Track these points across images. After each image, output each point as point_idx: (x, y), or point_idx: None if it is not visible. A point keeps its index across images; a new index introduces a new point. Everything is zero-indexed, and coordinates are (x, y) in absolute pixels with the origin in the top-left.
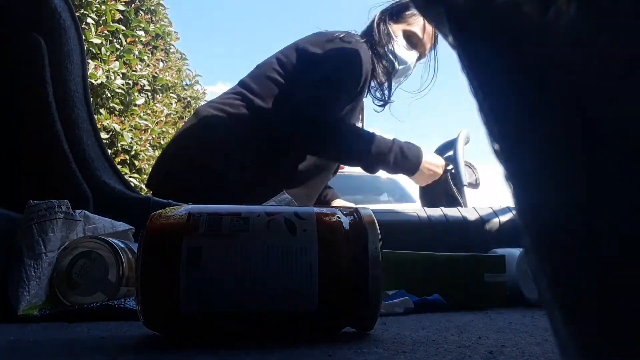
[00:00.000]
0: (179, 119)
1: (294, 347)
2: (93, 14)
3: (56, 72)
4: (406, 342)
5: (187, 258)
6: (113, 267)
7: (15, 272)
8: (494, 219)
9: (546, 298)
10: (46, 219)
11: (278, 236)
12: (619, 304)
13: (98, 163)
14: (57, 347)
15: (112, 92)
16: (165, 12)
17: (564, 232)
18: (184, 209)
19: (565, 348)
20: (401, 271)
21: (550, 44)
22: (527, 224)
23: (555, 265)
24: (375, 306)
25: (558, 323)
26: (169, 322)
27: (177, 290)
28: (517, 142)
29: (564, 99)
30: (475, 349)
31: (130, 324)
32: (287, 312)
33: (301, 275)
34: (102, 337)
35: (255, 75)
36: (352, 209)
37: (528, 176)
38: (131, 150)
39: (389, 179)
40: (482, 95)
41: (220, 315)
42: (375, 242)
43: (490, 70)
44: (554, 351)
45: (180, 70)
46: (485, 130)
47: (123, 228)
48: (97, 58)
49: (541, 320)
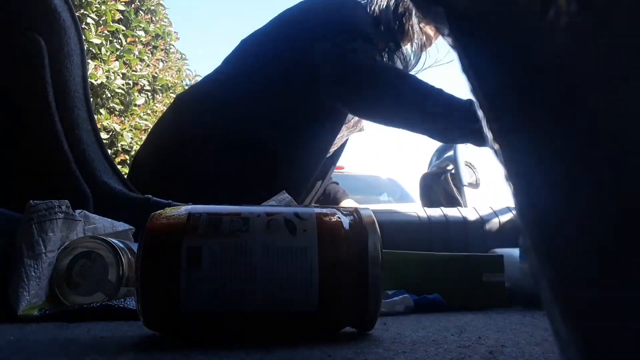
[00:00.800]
0: None
1: (294, 347)
2: (93, 14)
3: (56, 72)
4: (406, 342)
5: (187, 258)
6: (113, 267)
7: (15, 272)
8: (494, 219)
9: (546, 298)
10: (46, 219)
11: (278, 236)
12: (619, 304)
13: (98, 163)
14: (57, 347)
15: (112, 92)
16: (165, 12)
17: (564, 232)
18: (184, 209)
19: (565, 348)
20: (400, 271)
21: (550, 44)
22: (527, 224)
23: (555, 265)
24: (375, 306)
25: (558, 323)
26: (169, 322)
27: (177, 290)
28: (516, 142)
29: (564, 98)
30: (475, 349)
31: (130, 324)
32: (287, 312)
33: (301, 275)
34: (102, 337)
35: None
36: (352, 209)
37: (528, 176)
38: (131, 151)
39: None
40: (481, 96)
41: (220, 315)
42: (375, 242)
43: (490, 71)
44: (554, 351)
45: (180, 70)
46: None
47: (123, 228)
48: (97, 58)
49: (541, 320)
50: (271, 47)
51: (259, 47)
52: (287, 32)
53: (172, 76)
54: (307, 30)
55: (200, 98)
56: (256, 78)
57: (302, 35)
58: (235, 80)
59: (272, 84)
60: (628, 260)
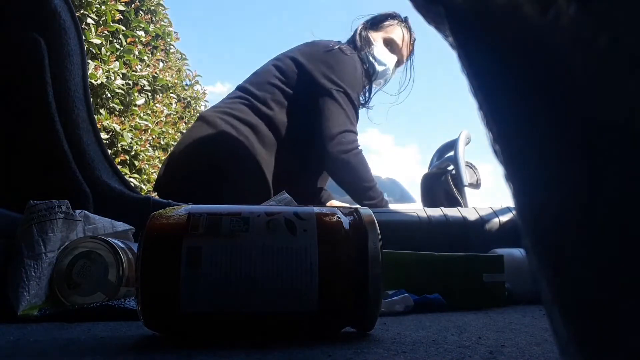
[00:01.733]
0: (179, 119)
1: (294, 347)
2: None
3: (56, 73)
4: (406, 342)
5: (187, 258)
6: (113, 267)
7: (15, 272)
8: (494, 219)
9: (546, 298)
10: (46, 219)
11: (278, 236)
12: (619, 304)
13: (98, 163)
14: (57, 347)
15: (112, 93)
16: (165, 13)
17: (563, 232)
18: (184, 209)
19: (565, 348)
20: (400, 271)
21: (550, 44)
22: (527, 224)
23: (555, 265)
24: (375, 306)
25: (558, 323)
26: (169, 322)
27: (177, 290)
28: (516, 142)
29: (564, 98)
30: (475, 349)
31: (130, 324)
32: (287, 312)
33: (301, 275)
34: (102, 337)
35: (255, 82)
36: (352, 209)
37: (528, 176)
38: (131, 151)
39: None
40: (481, 96)
41: (220, 315)
42: (375, 242)
43: (490, 71)
44: (554, 351)
45: (180, 70)
46: (485, 131)
47: (123, 228)
48: (97, 58)
49: (541, 320)
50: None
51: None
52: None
53: (172, 76)
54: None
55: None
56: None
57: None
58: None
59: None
60: (627, 260)
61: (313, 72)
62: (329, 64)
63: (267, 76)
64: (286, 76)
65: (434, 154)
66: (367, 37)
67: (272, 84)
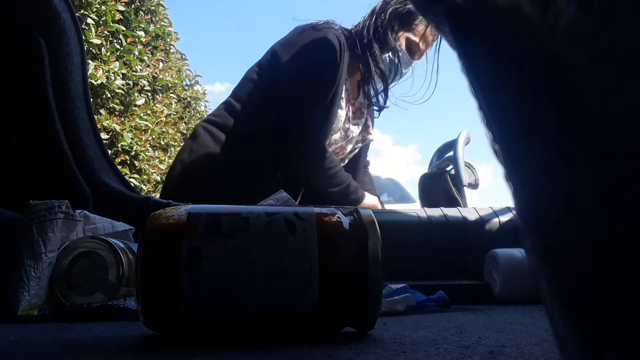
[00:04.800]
0: (179, 120)
1: (294, 347)
2: (93, 14)
3: (56, 73)
4: (406, 342)
5: (187, 258)
6: (113, 267)
7: (15, 272)
8: (494, 219)
9: (546, 298)
10: (46, 219)
11: (278, 236)
12: (619, 304)
13: (98, 163)
14: (57, 347)
15: (112, 93)
16: (165, 13)
17: (563, 231)
18: (184, 209)
19: (565, 348)
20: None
21: (550, 44)
22: (527, 223)
23: (555, 265)
24: (376, 306)
25: (558, 323)
26: (169, 322)
27: (177, 290)
28: (516, 142)
29: (564, 99)
30: (475, 349)
31: (130, 324)
32: (287, 312)
33: (301, 275)
34: (102, 337)
35: (240, 82)
36: (352, 209)
37: (528, 176)
38: (131, 151)
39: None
40: (482, 95)
41: (220, 315)
42: (375, 242)
43: (490, 71)
44: (554, 351)
45: (180, 70)
46: (485, 131)
47: (123, 228)
48: (97, 58)
49: (541, 320)
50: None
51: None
52: (271, 70)
53: (172, 76)
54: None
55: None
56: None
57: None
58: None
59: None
60: (628, 260)
61: (281, 59)
62: (296, 46)
63: (249, 72)
64: (262, 68)
65: (434, 154)
66: (394, 42)
67: (249, 79)
